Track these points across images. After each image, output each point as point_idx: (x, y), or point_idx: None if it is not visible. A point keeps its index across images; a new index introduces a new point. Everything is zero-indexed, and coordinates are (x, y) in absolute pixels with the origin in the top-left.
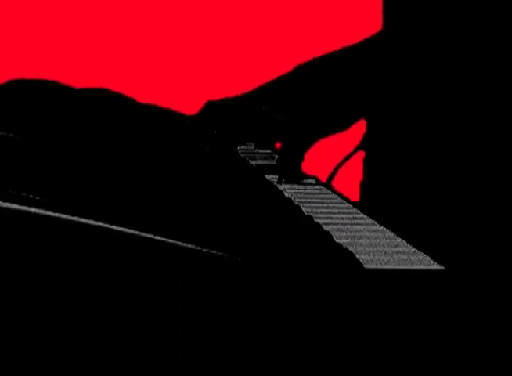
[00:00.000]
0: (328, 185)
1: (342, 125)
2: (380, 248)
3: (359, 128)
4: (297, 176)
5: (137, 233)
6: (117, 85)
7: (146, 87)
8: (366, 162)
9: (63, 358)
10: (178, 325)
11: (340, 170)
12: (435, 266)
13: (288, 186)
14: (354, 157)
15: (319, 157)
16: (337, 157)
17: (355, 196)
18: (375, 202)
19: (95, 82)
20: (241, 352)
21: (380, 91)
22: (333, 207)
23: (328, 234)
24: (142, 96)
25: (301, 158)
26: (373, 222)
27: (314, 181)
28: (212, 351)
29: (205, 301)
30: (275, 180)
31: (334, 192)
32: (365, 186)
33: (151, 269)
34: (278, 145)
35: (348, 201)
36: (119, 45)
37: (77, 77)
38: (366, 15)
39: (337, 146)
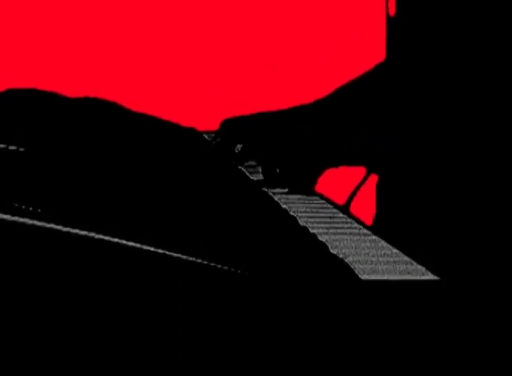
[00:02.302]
0: (347, 208)
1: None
2: (376, 258)
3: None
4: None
5: (138, 245)
6: (112, 95)
7: (141, 96)
8: (380, 186)
9: (56, 372)
10: (178, 332)
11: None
12: (430, 277)
13: (284, 196)
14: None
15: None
16: (350, 178)
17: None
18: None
19: (91, 91)
20: (239, 359)
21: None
22: (328, 218)
23: (323, 245)
24: (137, 106)
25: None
26: (368, 232)
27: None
28: (212, 358)
29: (205, 312)
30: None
31: (329, 202)
32: (379, 210)
33: (151, 283)
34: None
35: (343, 211)
36: (114, 54)
37: (73, 86)
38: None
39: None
